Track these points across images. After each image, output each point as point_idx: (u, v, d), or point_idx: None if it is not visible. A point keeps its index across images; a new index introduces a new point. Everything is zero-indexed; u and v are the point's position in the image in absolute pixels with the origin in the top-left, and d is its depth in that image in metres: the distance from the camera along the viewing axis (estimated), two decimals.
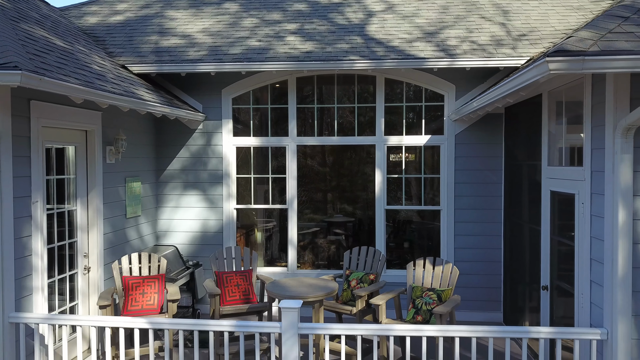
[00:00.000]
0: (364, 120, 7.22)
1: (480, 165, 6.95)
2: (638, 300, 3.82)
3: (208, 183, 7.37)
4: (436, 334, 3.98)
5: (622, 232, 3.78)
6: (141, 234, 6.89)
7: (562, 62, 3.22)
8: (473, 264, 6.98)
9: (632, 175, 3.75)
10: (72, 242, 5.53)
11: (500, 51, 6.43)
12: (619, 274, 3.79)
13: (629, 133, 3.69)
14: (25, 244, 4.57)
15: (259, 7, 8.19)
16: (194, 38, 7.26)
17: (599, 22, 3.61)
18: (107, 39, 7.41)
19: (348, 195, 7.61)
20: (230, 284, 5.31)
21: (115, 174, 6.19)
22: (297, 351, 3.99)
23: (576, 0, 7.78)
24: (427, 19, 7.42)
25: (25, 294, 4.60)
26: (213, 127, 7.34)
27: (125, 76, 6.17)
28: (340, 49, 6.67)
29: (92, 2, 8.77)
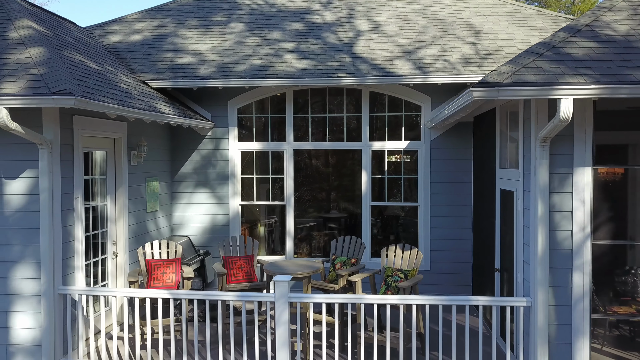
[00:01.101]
0: (351, 127, 8.27)
1: (452, 167, 7.98)
2: (554, 274, 4.85)
3: (216, 182, 8.45)
4: (397, 302, 5.03)
5: (541, 221, 4.81)
6: (159, 226, 7.99)
7: (482, 91, 4.26)
8: (447, 252, 8.01)
9: (548, 177, 4.79)
10: (104, 232, 6.62)
11: (468, 69, 7.46)
12: (539, 254, 4.83)
13: (545, 143, 4.73)
14: (69, 231, 5.66)
15: (261, 26, 9.25)
16: (204, 56, 8.33)
17: (519, 58, 4.65)
18: (128, 57, 8.50)
19: (340, 193, 8.65)
20: (235, 266, 6.38)
21: (137, 174, 7.28)
22: (287, 315, 5.05)
23: (540, 22, 8.79)
24: (408, 39, 8.46)
25: (69, 272, 5.69)
26: (221, 134, 8.41)
27: (146, 92, 7.26)
28: (331, 67, 7.73)
29: (113, 22, 9.87)
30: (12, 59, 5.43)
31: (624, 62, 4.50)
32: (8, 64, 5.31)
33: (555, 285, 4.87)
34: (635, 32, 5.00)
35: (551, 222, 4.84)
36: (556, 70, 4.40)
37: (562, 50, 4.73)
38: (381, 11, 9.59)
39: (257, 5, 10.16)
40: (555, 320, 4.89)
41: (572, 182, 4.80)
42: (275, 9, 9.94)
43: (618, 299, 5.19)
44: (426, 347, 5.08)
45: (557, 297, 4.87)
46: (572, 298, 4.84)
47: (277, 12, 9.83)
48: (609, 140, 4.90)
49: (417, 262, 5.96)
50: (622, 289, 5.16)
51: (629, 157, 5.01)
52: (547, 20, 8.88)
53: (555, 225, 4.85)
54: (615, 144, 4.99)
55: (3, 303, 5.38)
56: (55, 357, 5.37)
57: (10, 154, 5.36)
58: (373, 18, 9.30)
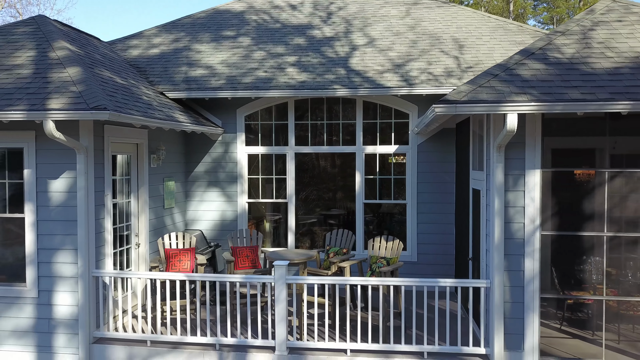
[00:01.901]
0: (347, 133, 9.21)
1: (437, 169, 8.88)
2: (509, 260, 5.76)
3: (226, 182, 9.43)
4: (377, 283, 5.96)
5: (497, 215, 5.72)
6: (174, 221, 8.98)
7: (443, 107, 5.18)
8: (432, 245, 8.92)
9: (503, 177, 5.70)
10: (128, 225, 7.62)
11: (449, 81, 8.36)
12: (496, 243, 5.74)
13: (500, 149, 5.64)
14: (101, 223, 6.66)
15: (266, 41, 10.22)
16: (215, 69, 9.31)
17: (477, 79, 5.56)
18: (147, 70, 9.50)
19: (337, 192, 9.58)
20: (242, 255, 7.34)
21: (156, 175, 8.27)
22: (285, 295, 6.00)
23: (519, 37, 9.67)
24: (398, 53, 9.37)
25: (101, 258, 6.69)
26: (230, 139, 9.39)
27: (164, 102, 8.25)
28: (327, 79, 8.67)
29: (133, 37, 10.89)
30: (55, 77, 6.43)
31: (563, 82, 5.39)
32: (52, 82, 6.32)
33: (509, 269, 5.78)
34: (580, 55, 5.90)
35: (506, 216, 5.75)
36: (505, 90, 5.31)
37: (514, 72, 5.63)
38: (376, 26, 10.51)
39: (263, 20, 11.13)
40: (510, 298, 5.79)
41: (524, 182, 5.71)
42: (280, 24, 10.90)
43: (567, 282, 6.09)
44: (402, 323, 6.01)
45: (512, 279, 5.78)
46: (524, 280, 5.75)
47: (281, 27, 10.79)
48: (555, 146, 5.80)
49: (398, 251, 6.88)
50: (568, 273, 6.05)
51: (572, 160, 5.89)
52: (526, 34, 9.75)
53: (509, 218, 5.76)
54: (561, 149, 5.88)
55: (47, 284, 6.39)
56: (90, 329, 6.37)
57: (52, 158, 6.36)
58: (368, 33, 10.22)
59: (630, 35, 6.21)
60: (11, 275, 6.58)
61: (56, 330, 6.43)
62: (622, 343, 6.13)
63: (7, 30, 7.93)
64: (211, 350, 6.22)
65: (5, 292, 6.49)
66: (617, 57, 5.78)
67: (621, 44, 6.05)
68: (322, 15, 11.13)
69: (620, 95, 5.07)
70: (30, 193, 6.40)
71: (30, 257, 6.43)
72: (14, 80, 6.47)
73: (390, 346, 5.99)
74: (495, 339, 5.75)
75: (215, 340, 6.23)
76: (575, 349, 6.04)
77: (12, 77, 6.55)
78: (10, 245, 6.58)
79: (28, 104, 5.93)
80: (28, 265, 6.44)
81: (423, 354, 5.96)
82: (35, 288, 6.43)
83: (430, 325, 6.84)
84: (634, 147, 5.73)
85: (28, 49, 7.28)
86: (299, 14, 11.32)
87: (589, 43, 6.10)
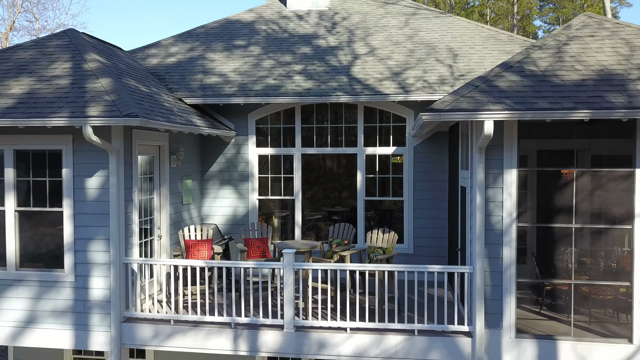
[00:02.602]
0: (349, 135, 10.02)
1: (431, 169, 9.67)
2: (489, 248, 6.55)
3: (238, 180, 10.27)
4: (373, 269, 6.77)
5: (479, 209, 6.52)
6: (192, 216, 9.83)
7: (429, 115, 5.99)
8: (427, 239, 9.71)
9: (484, 176, 6.49)
10: (151, 219, 8.48)
11: (442, 88, 9.15)
12: (477, 233, 6.53)
13: (481, 151, 6.43)
14: (129, 216, 7.51)
15: (275, 50, 11.05)
16: (228, 77, 10.15)
17: (460, 89, 6.36)
18: (166, 77, 10.36)
19: (340, 189, 10.39)
20: (253, 245, 8.17)
21: (176, 174, 9.13)
22: (292, 279, 6.83)
23: (509, 46, 10.44)
24: (397, 61, 10.18)
25: (129, 247, 7.54)
26: (242, 141, 10.23)
27: (183, 108, 9.11)
28: (331, 87, 9.48)
29: (151, 46, 11.76)
30: (90, 87, 7.30)
31: (534, 92, 6.18)
32: (87, 92, 7.18)
33: (490, 257, 6.58)
34: (552, 68, 6.68)
35: (487, 210, 6.55)
36: (484, 100, 6.10)
37: (493, 83, 6.43)
38: (377, 35, 11.32)
39: (272, 30, 11.97)
40: (490, 282, 6.59)
41: (503, 180, 6.50)
42: (288, 34, 11.73)
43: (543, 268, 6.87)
44: (395, 305, 6.81)
45: (492, 265, 6.57)
46: (502, 266, 6.54)
47: (289, 36, 11.62)
48: (530, 148, 6.59)
49: (393, 242, 7.70)
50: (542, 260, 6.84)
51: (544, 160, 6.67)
52: (516, 44, 10.52)
53: (490, 212, 6.56)
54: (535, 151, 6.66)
55: (83, 269, 7.26)
56: (120, 310, 7.22)
57: (87, 158, 7.22)
58: (369, 42, 11.03)
59: (599, 49, 6.98)
60: (50, 262, 7.45)
61: (90, 311, 7.29)
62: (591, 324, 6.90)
63: (43, 43, 8.81)
64: (227, 328, 7.06)
65: (45, 277, 7.36)
66: (585, 69, 6.56)
67: (590, 57, 6.82)
68: (327, 25, 11.95)
69: (582, 104, 5.85)
70: (68, 189, 7.27)
71: (68, 246, 7.29)
72: (54, 90, 7.33)
73: (384, 325, 6.80)
74: (477, 318, 6.55)
75: (230, 320, 7.07)
76: (549, 329, 6.82)
77: (52, 87, 7.42)
78: (49, 236, 7.45)
79: (69, 111, 6.79)
80: (66, 253, 7.30)
81: (414, 332, 6.77)
82: (72, 273, 7.30)
83: (421, 308, 7.65)
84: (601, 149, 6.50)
85: (63, 60, 8.15)
86: (305, 24, 12.15)
87: (561, 57, 6.88)
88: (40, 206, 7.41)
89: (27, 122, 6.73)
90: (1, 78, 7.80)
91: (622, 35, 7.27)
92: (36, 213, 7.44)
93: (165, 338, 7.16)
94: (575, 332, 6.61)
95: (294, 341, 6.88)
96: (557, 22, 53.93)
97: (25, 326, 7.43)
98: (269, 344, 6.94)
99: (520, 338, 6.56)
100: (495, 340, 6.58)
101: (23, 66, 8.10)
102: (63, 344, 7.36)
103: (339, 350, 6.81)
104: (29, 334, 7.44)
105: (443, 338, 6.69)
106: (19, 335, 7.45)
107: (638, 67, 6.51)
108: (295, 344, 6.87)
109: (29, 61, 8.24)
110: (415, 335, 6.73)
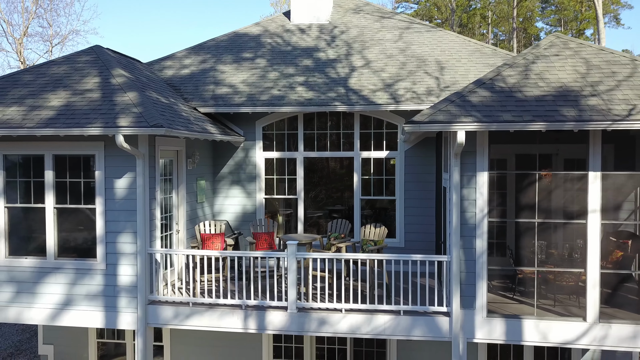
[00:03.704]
0: (346, 140, 11.10)
1: (420, 171, 10.74)
2: (464, 240, 7.61)
3: (246, 181, 11.36)
4: (365, 257, 7.84)
5: (455, 206, 7.58)
6: (205, 213, 10.94)
7: (410, 126, 7.06)
8: (417, 233, 10.77)
9: (459, 177, 7.56)
10: (170, 215, 9.58)
11: (429, 99, 10.22)
12: (454, 227, 7.60)
13: (457, 156, 7.49)
14: (152, 213, 8.61)
15: (280, 62, 12.14)
16: (237, 88, 11.25)
17: (438, 104, 7.42)
18: (181, 88, 11.47)
19: (339, 189, 11.47)
20: (261, 238, 9.26)
21: (191, 175, 10.23)
22: (295, 266, 7.92)
23: (493, 59, 11.50)
24: (390, 74, 11.25)
25: (153, 240, 8.65)
26: (250, 145, 11.32)
27: (198, 116, 10.21)
28: (330, 97, 10.56)
29: (166, 58, 12.86)
30: (119, 100, 8.40)
31: (501, 106, 7.25)
32: (117, 104, 8.29)
33: (465, 247, 7.65)
34: (519, 84, 7.74)
35: (462, 207, 7.62)
36: (457, 113, 7.17)
37: (467, 98, 7.50)
38: (373, 49, 12.40)
39: (277, 43, 13.06)
40: (465, 269, 7.66)
41: (476, 181, 7.56)
42: (291, 47, 12.82)
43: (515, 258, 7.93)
44: (384, 291, 7.89)
45: (466, 255, 7.64)
46: (475, 255, 7.61)
47: (292, 49, 12.71)
48: (499, 154, 7.65)
49: (383, 235, 8.78)
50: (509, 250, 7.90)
51: (513, 165, 7.74)
52: (498, 57, 11.58)
53: (464, 208, 7.62)
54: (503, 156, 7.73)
55: (113, 259, 8.36)
56: (146, 294, 8.32)
57: (117, 162, 8.32)
58: (365, 55, 12.11)
59: (561, 68, 8.04)
60: (84, 252, 8.56)
61: (119, 295, 8.39)
62: (556, 306, 7.96)
63: (73, 59, 9.94)
64: (238, 309, 8.15)
65: (80, 265, 8.47)
66: (546, 86, 7.62)
67: (552, 75, 7.88)
68: (327, 39, 13.03)
69: (539, 117, 6.91)
70: (100, 189, 8.38)
71: (100, 238, 8.40)
72: (88, 103, 8.45)
73: (374, 306, 7.87)
74: (454, 300, 7.62)
75: (241, 302, 8.16)
76: (517, 310, 7.89)
77: (85, 100, 8.53)
78: (83, 229, 8.56)
79: (102, 122, 7.89)
80: (98, 244, 8.41)
81: (400, 312, 7.85)
82: (104, 262, 8.41)
83: (407, 293, 8.72)
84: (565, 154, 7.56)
85: (93, 75, 9.27)
86: (307, 37, 13.23)
87: (528, 74, 7.95)
88: (76, 204, 8.53)
89: (67, 132, 7.84)
90: (40, 91, 8.92)
91: (583, 54, 8.33)
92: (72, 210, 8.56)
93: (185, 318, 8.26)
94: (539, 313, 7.67)
95: (296, 320, 7.97)
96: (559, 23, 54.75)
97: (62, 308, 8.55)
98: (275, 322, 8.03)
99: (491, 317, 7.63)
100: (469, 319, 7.65)
101: (58, 80, 9.22)
102: (95, 323, 8.47)
103: (335, 328, 7.89)
104: (66, 314, 8.55)
105: (425, 317, 7.77)
106: (57, 316, 8.57)
107: (591, 84, 7.57)
108: (297, 322, 7.96)
109: (63, 76, 9.36)
110: (401, 315, 7.80)
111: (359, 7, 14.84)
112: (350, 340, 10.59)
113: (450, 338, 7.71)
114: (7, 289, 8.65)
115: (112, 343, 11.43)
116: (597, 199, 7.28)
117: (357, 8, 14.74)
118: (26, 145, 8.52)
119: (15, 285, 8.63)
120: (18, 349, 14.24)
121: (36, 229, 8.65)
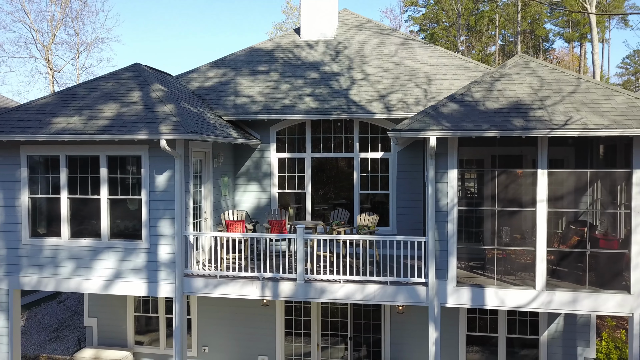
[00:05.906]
0: (347, 143, 12.99)
1: (410, 169, 12.59)
2: (438, 224, 9.44)
3: (262, 178, 13.29)
4: (358, 238, 9.73)
5: (431, 197, 9.42)
6: (227, 204, 12.90)
7: (393, 133, 8.92)
8: (407, 222, 12.62)
9: (434, 174, 9.40)
10: (199, 205, 11.53)
11: (416, 108, 12.06)
12: (430, 214, 9.44)
13: (432, 156, 9.33)
14: (186, 203, 10.56)
15: (290, 75, 14.05)
16: (254, 98, 13.18)
17: (416, 115, 9.27)
18: (206, 98, 13.42)
19: (341, 185, 13.36)
20: (275, 225, 11.19)
21: (217, 172, 12.19)
22: (302, 246, 9.82)
23: (475, 73, 13.31)
24: (384, 86, 13.11)
25: (186, 225, 10.60)
26: (265, 147, 13.25)
27: (222, 123, 12.16)
28: (333, 106, 12.45)
29: (192, 72, 14.84)
30: (159, 111, 10.37)
31: (466, 117, 9.08)
32: (159, 115, 10.25)
33: (439, 230, 9.49)
34: (483, 99, 9.57)
35: (436, 198, 9.46)
36: (430, 122, 9.02)
37: (440, 110, 9.34)
38: (371, 63, 14.26)
39: (288, 58, 14.98)
40: (439, 247, 9.50)
41: (447, 177, 9.40)
42: (300, 61, 14.73)
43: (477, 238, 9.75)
44: (374, 267, 9.75)
45: (440, 235, 9.48)
46: (447, 236, 9.45)
47: (301, 63, 14.61)
48: (466, 154, 9.48)
49: (375, 222, 10.67)
50: (474, 232, 9.72)
51: (490, 164, 9.53)
52: (479, 71, 13.38)
53: (438, 199, 9.47)
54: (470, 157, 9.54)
55: (155, 240, 10.33)
56: (181, 268, 10.28)
57: (158, 161, 10.28)
58: (365, 69, 13.98)
59: (520, 85, 9.86)
60: (131, 234, 10.53)
61: (160, 269, 10.35)
62: (516, 279, 9.78)
63: (117, 75, 11.93)
64: (257, 280, 10.08)
65: (128, 245, 10.45)
66: (505, 100, 9.44)
67: (511, 91, 9.70)
68: (332, 54, 14.93)
69: (494, 126, 8.74)
70: (145, 183, 10.34)
71: (145, 223, 10.37)
72: (135, 113, 10.42)
73: (366, 278, 9.75)
74: (430, 273, 9.47)
75: (259, 275, 10.09)
76: (482, 282, 9.71)
77: (133, 111, 10.51)
78: (130, 216, 10.54)
79: (148, 129, 9.86)
80: (143, 228, 10.38)
81: (386, 282, 9.72)
82: (147, 242, 10.37)
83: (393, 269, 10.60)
84: (512, 155, 9.36)
85: (135, 90, 11.25)
86: (314, 52, 15.13)
87: (492, 90, 9.77)
88: (125, 195, 10.51)
89: (121, 137, 9.82)
90: (95, 103, 10.92)
91: (539, 73, 10.14)
92: (121, 200, 10.54)
93: (213, 288, 10.20)
94: (498, 284, 9.50)
95: (303, 289, 9.87)
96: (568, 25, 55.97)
97: (113, 280, 10.53)
98: (286, 291, 9.94)
99: (459, 286, 9.46)
100: (443, 288, 9.49)
101: (108, 94, 11.22)
102: (140, 292, 10.44)
103: (334, 295, 9.78)
104: (115, 285, 10.53)
105: (407, 287, 9.63)
106: (109, 286, 10.56)
107: (541, 98, 9.38)
108: (304, 290, 9.87)
109: (111, 90, 11.36)
110: (388, 285, 9.67)
111: (362, 24, 16.71)
112: (351, 311, 12.47)
113: (427, 303, 9.57)
114: (68, 264, 10.65)
115: (144, 317, 13.40)
116: (544, 191, 9.09)
117: (359, 25, 16.62)
118: (85, 148, 10.52)
119: (75, 261, 10.63)
120: (62, 325, 16.33)
121: (93, 215, 10.64)
